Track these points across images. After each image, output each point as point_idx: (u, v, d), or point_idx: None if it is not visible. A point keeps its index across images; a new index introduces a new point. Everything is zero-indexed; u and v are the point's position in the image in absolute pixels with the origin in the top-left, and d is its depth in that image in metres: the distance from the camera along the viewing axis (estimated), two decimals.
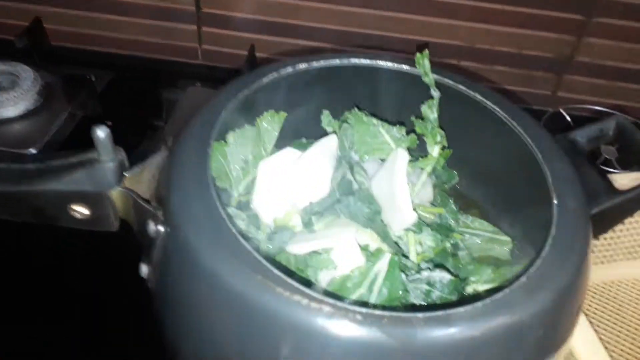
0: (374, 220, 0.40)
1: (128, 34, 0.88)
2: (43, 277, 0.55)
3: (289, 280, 0.29)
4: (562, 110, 0.83)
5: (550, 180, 0.38)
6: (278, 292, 0.29)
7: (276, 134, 0.49)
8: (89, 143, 0.73)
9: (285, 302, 0.29)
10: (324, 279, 0.38)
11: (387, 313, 0.27)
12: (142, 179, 0.39)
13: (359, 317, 0.28)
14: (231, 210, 0.44)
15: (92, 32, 0.88)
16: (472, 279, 0.44)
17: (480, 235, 0.49)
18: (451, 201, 0.49)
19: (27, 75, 0.76)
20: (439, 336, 0.27)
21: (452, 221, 0.48)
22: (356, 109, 0.45)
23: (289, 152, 0.48)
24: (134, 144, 0.73)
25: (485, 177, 0.51)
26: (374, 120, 0.45)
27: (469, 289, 0.43)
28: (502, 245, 0.49)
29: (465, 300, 0.33)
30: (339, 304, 0.28)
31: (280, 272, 0.30)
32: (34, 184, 0.34)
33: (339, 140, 0.45)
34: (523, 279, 0.31)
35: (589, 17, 0.77)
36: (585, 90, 0.85)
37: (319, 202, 0.42)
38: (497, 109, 0.44)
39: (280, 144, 0.50)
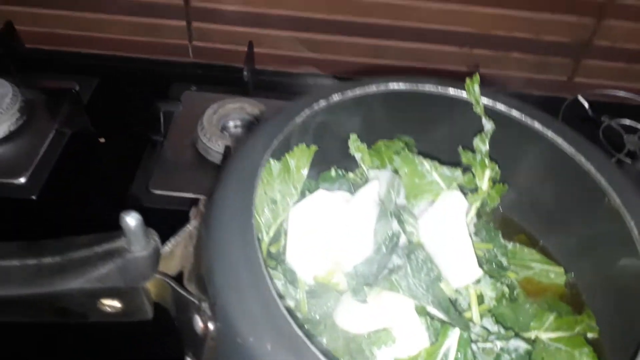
0: (434, 287, 0.36)
1: (111, 33, 0.80)
2: None
3: None
4: (580, 97, 0.79)
5: (633, 224, 0.34)
6: None
7: (306, 170, 0.45)
8: (82, 164, 0.67)
9: None
10: (381, 355, 0.35)
11: None
12: (175, 253, 0.34)
13: None
14: (269, 270, 0.39)
15: (70, 33, 0.80)
16: (533, 324, 0.41)
17: (531, 268, 0.46)
18: (499, 234, 0.45)
19: (5, 91, 0.68)
20: None
21: (503, 258, 0.44)
22: (406, 150, 0.41)
23: (321, 196, 0.43)
24: (132, 163, 0.67)
25: (534, 201, 0.47)
26: (424, 161, 0.41)
27: (530, 335, 0.40)
28: (556, 277, 0.45)
29: None
30: None
31: None
32: (55, 283, 0.29)
33: (386, 192, 0.40)
34: None
35: None
36: (602, 75, 0.81)
37: (366, 264, 0.38)
38: (560, 140, 0.39)
39: (309, 174, 0.46)
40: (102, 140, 0.69)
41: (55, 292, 0.29)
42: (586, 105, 0.79)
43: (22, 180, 0.63)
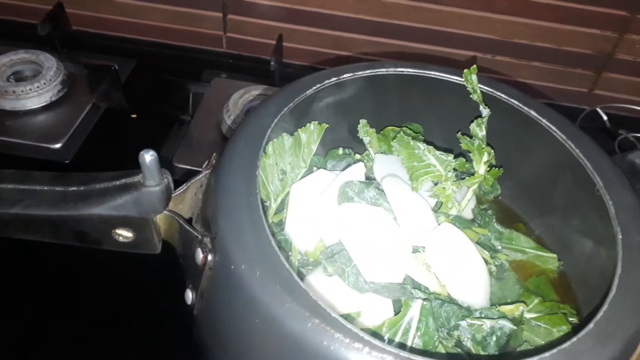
0: None
1: (151, 20, 0.85)
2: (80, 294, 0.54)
3: (349, 325, 0.28)
4: (599, 109, 0.80)
5: (613, 211, 0.36)
6: (337, 337, 0.28)
7: (315, 145, 0.48)
8: (114, 136, 0.72)
9: (345, 348, 0.27)
10: None
11: None
12: (185, 198, 0.37)
13: None
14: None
15: (114, 18, 0.85)
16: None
17: (525, 252, 0.48)
18: (494, 220, 0.47)
19: (50, 64, 0.74)
20: None
21: (497, 242, 0.46)
22: (402, 134, 0.43)
23: (322, 175, 0.46)
24: (160, 139, 0.71)
25: (532, 191, 0.49)
26: (419, 144, 0.43)
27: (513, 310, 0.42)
28: (548, 262, 0.47)
29: (528, 352, 0.32)
30: (403, 354, 0.27)
31: (339, 316, 0.28)
32: (78, 208, 0.33)
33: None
34: (590, 326, 0.30)
35: (633, 13, 0.74)
36: (623, 89, 0.82)
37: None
38: (553, 127, 0.42)
39: (319, 151, 0.49)
40: (134, 116, 0.74)
41: (77, 215, 0.33)
42: (604, 117, 0.80)
43: (58, 145, 0.68)
